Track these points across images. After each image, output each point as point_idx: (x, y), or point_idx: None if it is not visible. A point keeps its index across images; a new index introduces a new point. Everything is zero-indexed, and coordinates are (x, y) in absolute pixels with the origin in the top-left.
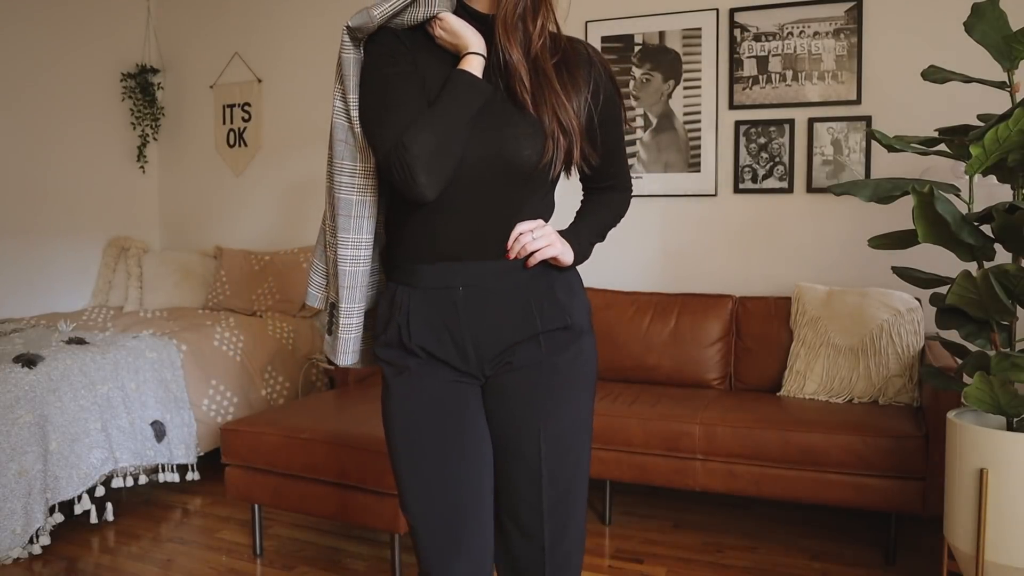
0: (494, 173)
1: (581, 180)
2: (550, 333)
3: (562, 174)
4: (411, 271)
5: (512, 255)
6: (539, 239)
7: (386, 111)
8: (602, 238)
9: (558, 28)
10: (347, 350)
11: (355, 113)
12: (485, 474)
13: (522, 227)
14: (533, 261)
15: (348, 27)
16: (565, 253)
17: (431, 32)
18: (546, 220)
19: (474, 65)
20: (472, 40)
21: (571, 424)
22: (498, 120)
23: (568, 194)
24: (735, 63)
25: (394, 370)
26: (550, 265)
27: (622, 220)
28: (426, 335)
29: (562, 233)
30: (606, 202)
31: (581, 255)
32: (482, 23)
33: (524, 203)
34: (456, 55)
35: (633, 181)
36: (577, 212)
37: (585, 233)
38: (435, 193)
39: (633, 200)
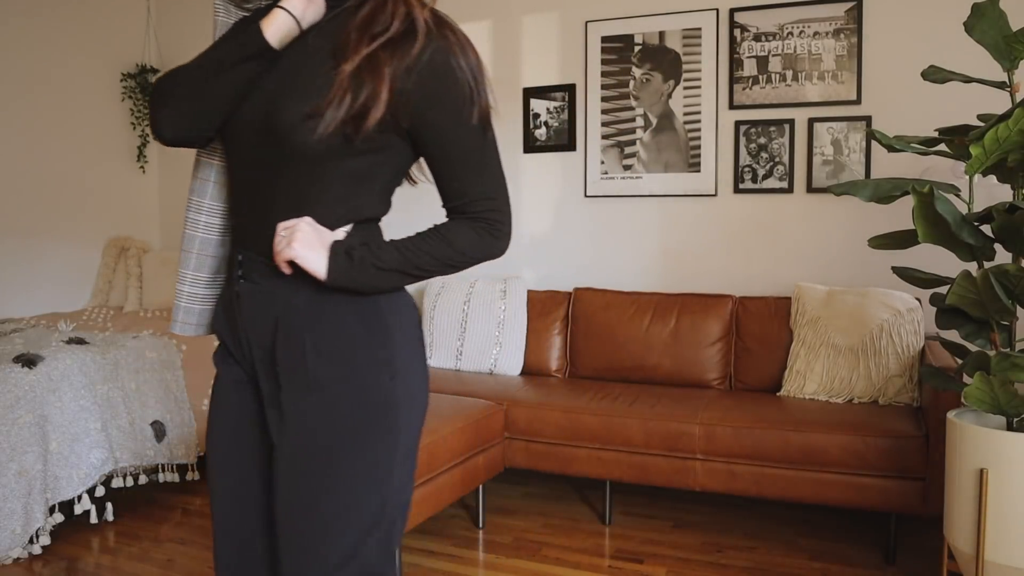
0: (260, 138)
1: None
2: (290, 369)
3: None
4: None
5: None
6: (283, 239)
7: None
8: (418, 270)
9: None
10: (176, 317)
11: None
12: (252, 487)
13: (283, 224)
14: (279, 265)
15: None
16: (309, 261)
17: None
18: (331, 221)
19: (272, 17)
20: None
21: (316, 488)
22: (286, 77)
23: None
24: (735, 63)
25: (215, 355)
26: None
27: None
28: (222, 324)
29: (339, 243)
30: (444, 231)
31: (340, 274)
32: None
33: (303, 188)
34: (303, 26)
35: (632, 181)
36: None
37: (372, 253)
38: (172, 133)
39: (633, 200)
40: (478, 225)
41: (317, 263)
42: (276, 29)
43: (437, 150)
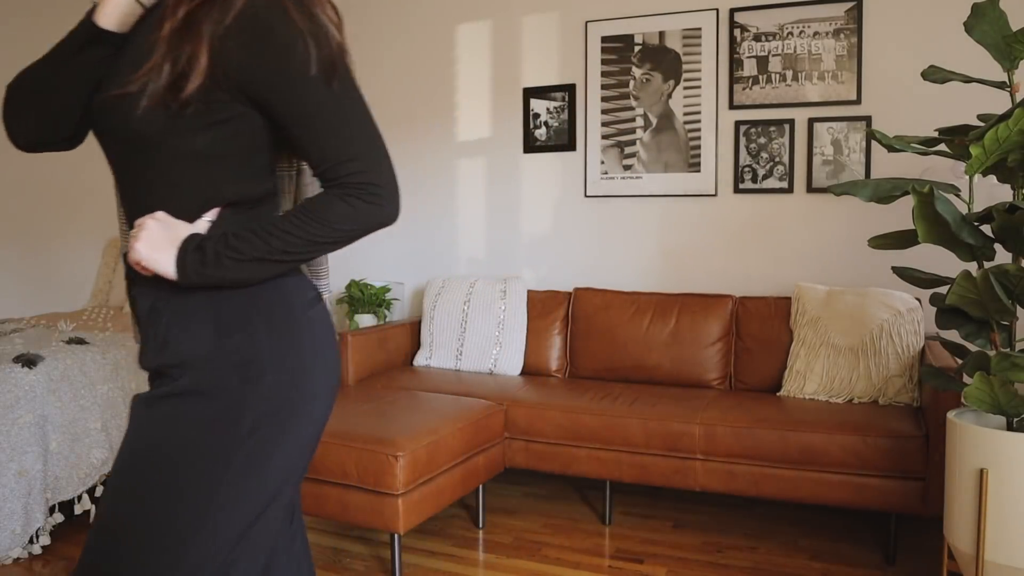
0: (104, 127)
1: None
2: (149, 372)
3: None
4: None
5: None
6: (132, 239)
7: None
8: (286, 255)
9: None
10: (136, 331)
11: None
12: None
13: (138, 220)
14: (133, 266)
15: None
16: (155, 262)
17: None
18: (187, 210)
19: (103, 3)
20: None
21: (148, 490)
22: (124, 63)
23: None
24: (735, 63)
25: None
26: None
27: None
28: (141, 330)
29: (193, 237)
30: (311, 206)
31: (192, 272)
32: None
33: (153, 176)
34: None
35: (632, 181)
36: None
37: (227, 245)
38: (24, 138)
39: (633, 200)
40: (346, 193)
41: (164, 264)
42: (110, 11)
43: (281, 111)
